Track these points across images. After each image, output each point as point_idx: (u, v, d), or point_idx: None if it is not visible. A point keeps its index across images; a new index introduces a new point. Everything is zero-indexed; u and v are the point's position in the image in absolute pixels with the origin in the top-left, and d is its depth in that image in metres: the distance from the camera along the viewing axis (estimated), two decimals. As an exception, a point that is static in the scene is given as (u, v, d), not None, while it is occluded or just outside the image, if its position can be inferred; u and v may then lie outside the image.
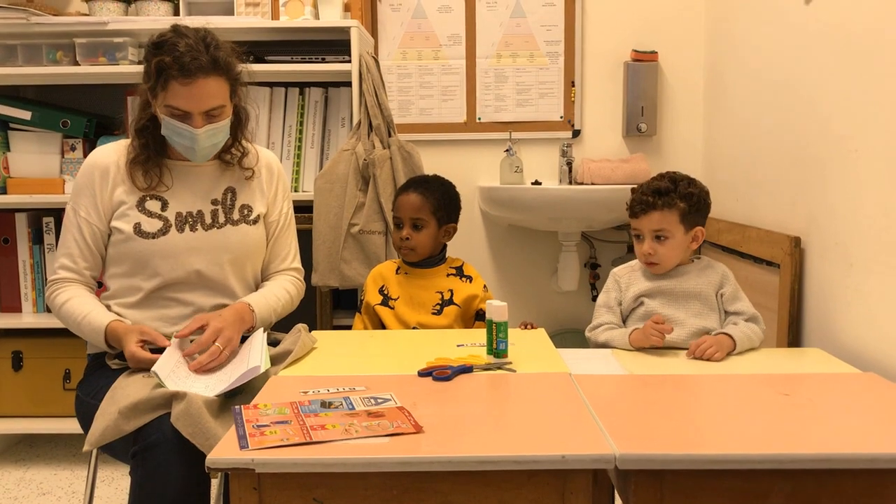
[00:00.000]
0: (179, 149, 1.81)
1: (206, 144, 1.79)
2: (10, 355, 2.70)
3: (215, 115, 1.77)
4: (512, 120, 3.07)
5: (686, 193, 1.87)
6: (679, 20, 3.01)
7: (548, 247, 3.09)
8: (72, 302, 1.79)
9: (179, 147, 1.80)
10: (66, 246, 1.82)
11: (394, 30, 3.05)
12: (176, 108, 1.73)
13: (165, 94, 1.72)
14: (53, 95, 2.89)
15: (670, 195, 1.86)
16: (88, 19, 2.63)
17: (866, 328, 1.82)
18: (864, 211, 1.82)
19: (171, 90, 1.71)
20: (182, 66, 1.69)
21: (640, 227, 1.89)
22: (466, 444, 1.22)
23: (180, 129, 1.75)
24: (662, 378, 1.59)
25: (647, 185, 1.90)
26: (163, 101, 1.74)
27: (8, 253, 2.75)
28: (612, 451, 1.18)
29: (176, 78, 1.70)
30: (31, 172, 2.70)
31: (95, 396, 1.64)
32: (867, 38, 1.82)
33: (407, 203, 2.12)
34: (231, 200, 1.89)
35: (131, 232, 1.78)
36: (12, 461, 2.76)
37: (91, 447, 1.53)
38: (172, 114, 1.74)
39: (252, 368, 1.57)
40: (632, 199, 1.91)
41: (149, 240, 1.79)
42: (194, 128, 1.74)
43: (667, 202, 1.85)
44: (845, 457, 1.19)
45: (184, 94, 1.72)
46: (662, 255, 1.87)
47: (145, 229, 1.79)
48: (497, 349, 1.66)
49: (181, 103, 1.72)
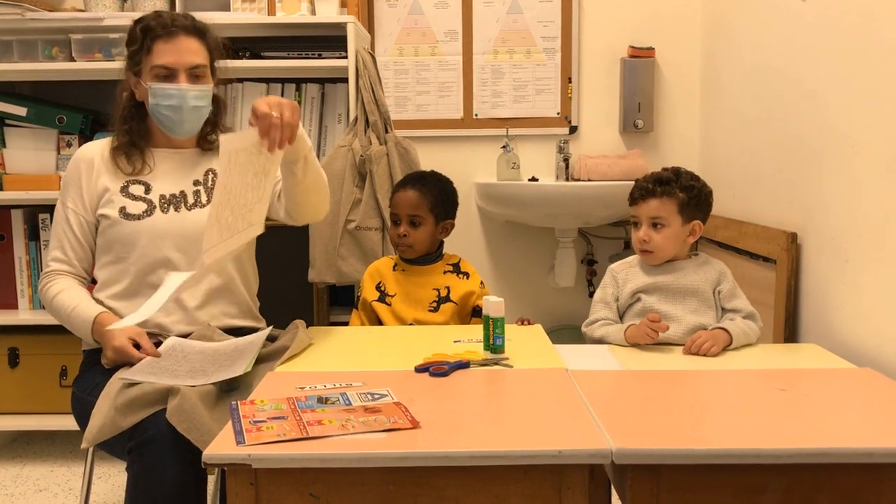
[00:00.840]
0: (166, 121, 1.84)
1: (192, 104, 1.83)
2: (7, 352, 2.70)
3: (199, 75, 1.83)
4: (509, 116, 3.07)
5: (687, 185, 1.88)
6: (676, 16, 3.01)
7: (545, 243, 3.10)
8: (62, 294, 1.81)
9: (166, 114, 1.82)
10: (58, 239, 1.86)
11: (390, 25, 3.05)
12: (162, 66, 1.79)
13: (150, 56, 1.79)
14: (49, 91, 2.88)
15: (671, 184, 1.88)
16: (84, 15, 2.63)
17: (862, 324, 1.82)
18: (861, 207, 1.83)
19: (156, 51, 1.79)
20: (164, 25, 1.79)
21: (638, 214, 1.90)
22: (463, 440, 1.22)
23: (168, 89, 1.80)
24: (659, 373, 1.59)
25: (651, 174, 1.92)
26: (149, 65, 1.80)
27: (4, 249, 2.74)
28: (608, 446, 1.18)
29: (160, 36, 1.79)
30: (27, 169, 2.69)
31: (91, 393, 1.64)
32: (864, 33, 1.82)
33: (404, 200, 2.12)
34: (212, 181, 1.91)
35: (117, 216, 1.81)
36: (9, 458, 2.76)
37: (88, 444, 1.53)
38: (158, 76, 1.80)
39: (234, 369, 1.58)
40: (633, 187, 1.93)
41: (133, 221, 1.81)
42: (181, 84, 1.80)
43: (666, 191, 1.87)
44: (842, 451, 1.19)
45: (169, 51, 1.79)
46: (657, 243, 1.87)
47: (130, 212, 1.82)
48: (494, 345, 1.66)
49: (167, 59, 1.79)
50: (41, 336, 2.68)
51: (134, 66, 1.83)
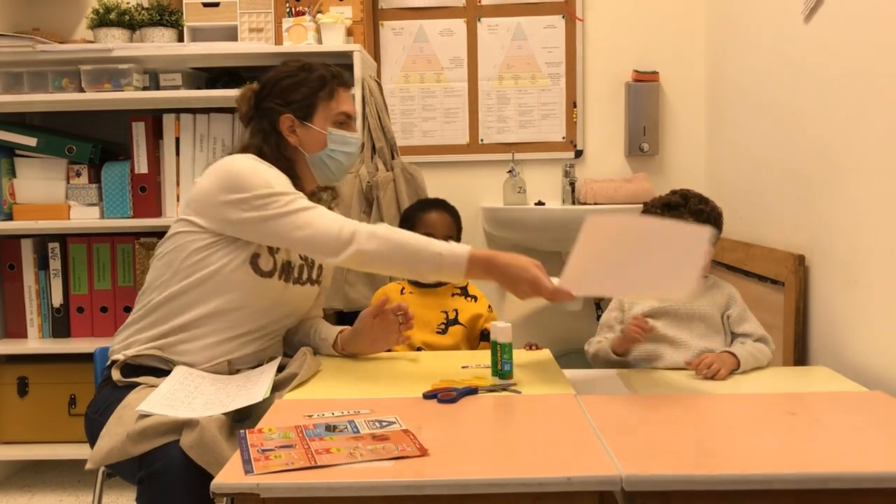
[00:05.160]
0: (336, 167, 1.86)
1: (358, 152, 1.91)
2: (16, 381, 2.70)
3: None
4: (514, 141, 3.09)
5: (696, 210, 1.86)
6: (679, 40, 3.03)
7: (551, 267, 3.06)
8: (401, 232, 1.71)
9: (340, 161, 1.85)
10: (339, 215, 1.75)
11: (396, 53, 3.08)
12: (347, 113, 1.85)
13: (336, 102, 1.83)
14: (59, 122, 2.91)
15: (679, 209, 1.85)
16: (93, 46, 2.66)
17: (872, 346, 1.81)
18: (868, 228, 1.82)
19: (339, 97, 1.84)
20: (339, 75, 1.85)
21: None
22: (472, 467, 1.22)
23: (349, 137, 1.85)
24: (668, 398, 1.58)
25: (659, 198, 1.91)
26: (334, 110, 1.83)
27: (14, 279, 2.75)
28: (618, 472, 1.17)
29: (341, 84, 1.84)
30: (37, 198, 2.71)
31: (103, 414, 1.63)
32: (867, 55, 1.83)
33: (441, 221, 2.17)
34: (312, 259, 1.90)
35: (245, 261, 1.73)
36: (18, 487, 2.75)
37: (94, 466, 1.52)
38: (340, 122, 1.84)
39: (252, 396, 1.58)
40: (641, 212, 1.92)
41: (257, 277, 1.75)
42: (356, 134, 1.88)
43: (675, 216, 1.83)
44: (853, 476, 1.18)
45: (349, 100, 1.87)
46: None
47: (260, 265, 1.75)
48: (502, 370, 1.66)
49: (350, 108, 1.86)
50: (50, 365, 2.69)
51: (303, 110, 1.81)
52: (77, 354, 2.58)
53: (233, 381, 1.72)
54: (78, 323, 2.74)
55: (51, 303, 2.75)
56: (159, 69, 2.71)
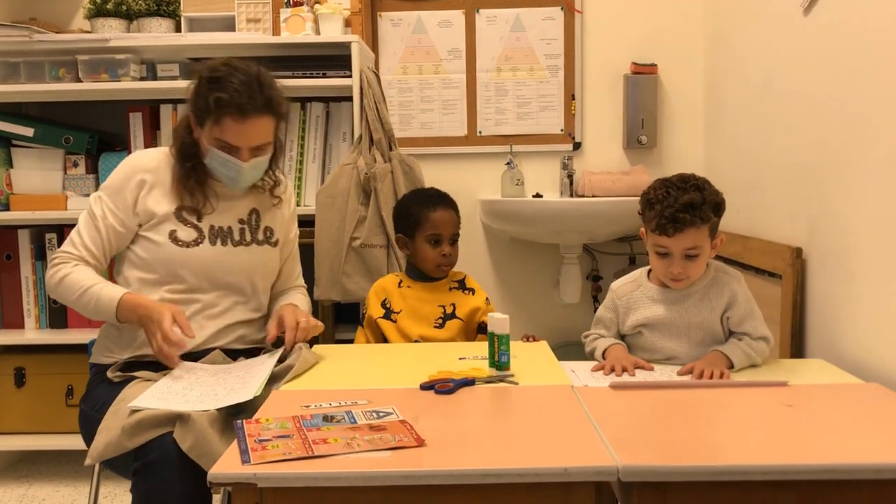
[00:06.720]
0: (222, 179, 1.84)
1: (248, 177, 1.84)
2: (13, 372, 2.70)
3: (261, 149, 1.81)
4: (513, 133, 3.08)
5: (714, 203, 1.72)
6: (678, 33, 3.03)
7: (549, 259, 3.09)
8: (74, 275, 1.78)
9: (221, 176, 1.83)
10: (86, 230, 1.82)
11: (394, 45, 3.07)
12: (226, 142, 1.76)
13: (218, 128, 1.75)
14: (56, 112, 2.90)
15: (703, 208, 1.69)
16: (90, 36, 2.65)
17: (869, 338, 1.81)
18: (866, 221, 1.82)
19: (223, 125, 1.75)
20: (239, 105, 1.72)
21: (669, 246, 1.71)
22: (469, 458, 1.22)
23: (227, 160, 1.79)
24: (665, 390, 1.59)
25: (675, 198, 1.69)
26: (212, 133, 1.77)
27: (10, 269, 2.75)
28: (614, 463, 1.17)
29: (232, 115, 1.73)
30: (34, 189, 2.71)
31: (100, 410, 1.64)
32: (866, 48, 1.83)
33: (447, 220, 2.14)
34: (255, 221, 1.92)
35: (166, 240, 1.80)
36: (14, 478, 2.76)
37: (93, 461, 1.53)
38: (220, 146, 1.77)
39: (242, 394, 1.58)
40: (658, 214, 1.70)
41: (182, 248, 1.81)
42: (241, 161, 1.78)
43: (700, 216, 1.68)
44: (849, 467, 1.18)
45: (236, 131, 1.75)
46: (693, 273, 1.73)
47: (180, 237, 1.81)
48: (499, 362, 1.66)
49: (232, 139, 1.76)
50: (47, 356, 2.69)
51: (198, 118, 1.79)
52: (74, 345, 2.59)
53: (234, 370, 1.73)
54: (75, 314, 2.72)
55: (48, 293, 2.74)
56: (156, 59, 2.70)
